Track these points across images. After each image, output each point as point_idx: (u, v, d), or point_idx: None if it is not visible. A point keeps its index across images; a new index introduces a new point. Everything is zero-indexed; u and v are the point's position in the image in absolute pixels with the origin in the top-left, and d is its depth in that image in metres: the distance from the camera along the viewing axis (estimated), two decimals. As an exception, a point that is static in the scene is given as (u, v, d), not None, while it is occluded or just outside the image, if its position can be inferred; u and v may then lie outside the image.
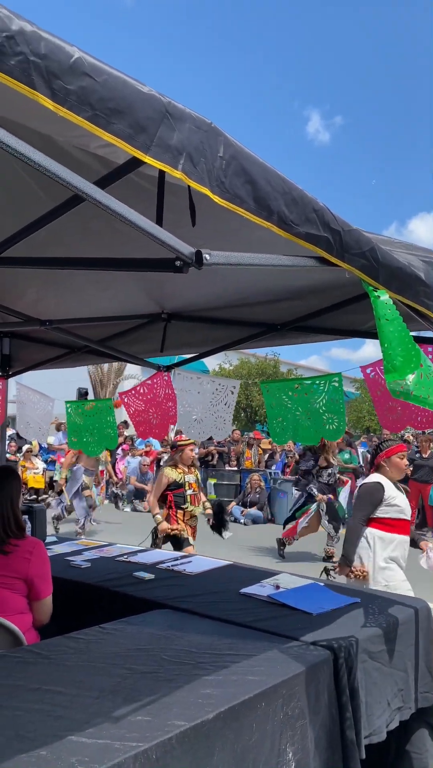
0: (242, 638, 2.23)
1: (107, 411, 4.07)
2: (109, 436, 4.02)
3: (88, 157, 1.69)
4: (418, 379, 1.74)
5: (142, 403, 3.94)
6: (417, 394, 1.75)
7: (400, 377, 1.71)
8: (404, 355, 1.72)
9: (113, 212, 1.23)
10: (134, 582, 3.03)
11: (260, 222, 1.47)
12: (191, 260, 1.43)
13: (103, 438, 4.05)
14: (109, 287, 3.11)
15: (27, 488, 13.08)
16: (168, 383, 3.88)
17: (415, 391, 1.73)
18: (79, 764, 1.35)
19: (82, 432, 4.12)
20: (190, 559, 3.57)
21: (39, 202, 2.02)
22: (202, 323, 3.51)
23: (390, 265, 1.88)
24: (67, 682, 1.81)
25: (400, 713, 2.44)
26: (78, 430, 4.15)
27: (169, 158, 1.20)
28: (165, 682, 1.82)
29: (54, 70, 1.00)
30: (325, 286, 2.88)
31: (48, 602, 2.58)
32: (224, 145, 1.32)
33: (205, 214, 1.62)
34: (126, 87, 1.11)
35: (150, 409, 3.88)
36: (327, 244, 1.65)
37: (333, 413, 3.02)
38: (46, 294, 3.24)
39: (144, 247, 1.66)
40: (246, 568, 3.49)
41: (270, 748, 1.78)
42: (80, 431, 4.13)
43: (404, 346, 1.73)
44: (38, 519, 3.48)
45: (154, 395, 3.86)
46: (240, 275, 2.78)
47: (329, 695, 2.06)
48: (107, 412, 4.06)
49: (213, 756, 1.59)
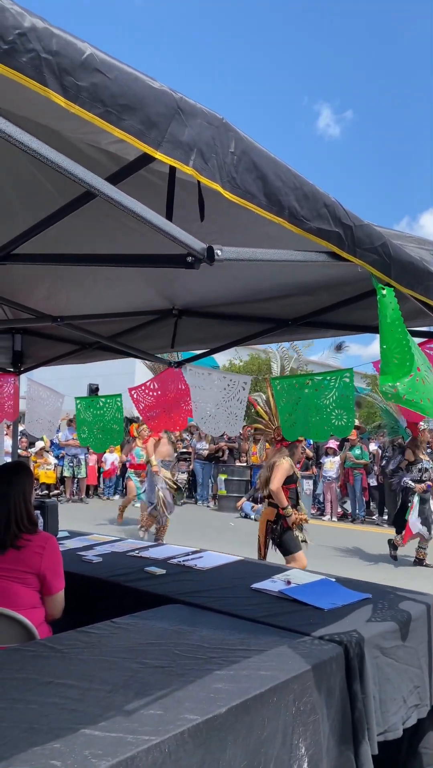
0: (253, 633, 2.24)
1: (116, 407, 4.09)
2: (115, 431, 4.05)
3: (99, 153, 1.69)
4: (412, 383, 1.73)
5: (153, 399, 3.95)
6: (409, 398, 1.74)
7: (393, 381, 1.71)
8: (400, 359, 1.71)
9: (125, 208, 1.24)
10: (146, 577, 3.04)
11: (271, 217, 1.47)
12: (203, 256, 1.43)
13: (109, 433, 4.07)
14: (120, 284, 3.12)
15: (39, 484, 13.18)
16: (181, 378, 3.89)
17: (407, 395, 1.73)
18: (93, 757, 1.36)
19: (91, 427, 4.15)
20: (201, 555, 3.58)
21: (51, 199, 2.03)
22: (212, 319, 3.51)
23: (402, 259, 1.87)
24: (80, 675, 1.82)
25: (417, 710, 2.43)
26: (87, 425, 4.18)
27: (180, 154, 1.20)
28: (177, 676, 1.83)
29: (66, 66, 1.00)
30: (336, 282, 2.87)
31: (60, 597, 2.60)
32: (235, 141, 1.32)
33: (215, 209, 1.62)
34: (137, 83, 1.11)
35: (163, 403, 3.89)
36: (339, 239, 1.64)
37: (343, 409, 3.02)
38: (57, 291, 3.26)
39: (155, 243, 1.66)
40: (257, 564, 3.50)
41: (282, 743, 1.78)
42: (90, 427, 4.16)
43: (402, 348, 1.72)
44: (50, 514, 3.51)
45: (165, 390, 3.87)
46: (250, 271, 2.78)
47: (341, 691, 2.06)
48: (116, 408, 4.09)
49: (225, 750, 1.60)
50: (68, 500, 13.52)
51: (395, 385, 1.69)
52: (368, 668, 2.16)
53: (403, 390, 1.70)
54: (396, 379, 1.69)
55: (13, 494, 2.57)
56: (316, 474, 13.08)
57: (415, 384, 1.73)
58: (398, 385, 1.69)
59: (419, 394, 1.74)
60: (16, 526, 2.53)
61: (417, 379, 1.74)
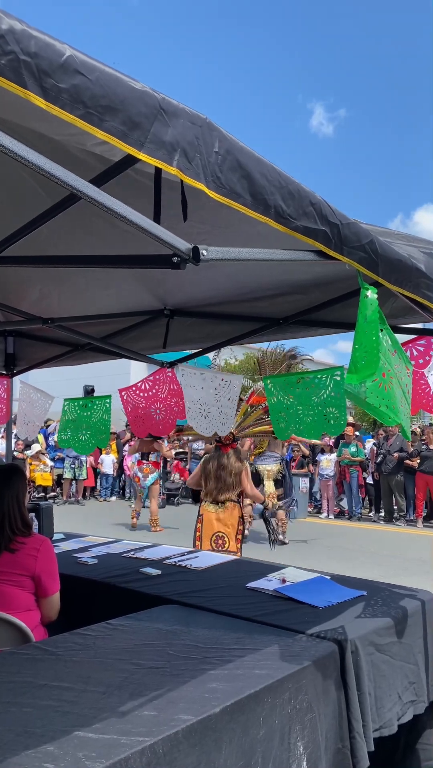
0: (248, 632, 2.24)
1: (104, 409, 4.09)
2: (101, 434, 4.05)
3: (86, 155, 1.68)
4: (375, 387, 1.75)
5: (143, 400, 3.94)
6: (370, 401, 1.75)
7: (357, 381, 1.71)
8: (368, 361, 1.72)
9: (108, 209, 1.23)
10: (141, 578, 3.04)
11: (258, 217, 1.47)
12: (189, 256, 1.43)
13: (95, 435, 4.07)
14: (111, 285, 3.11)
15: (35, 486, 13.16)
16: (173, 379, 3.88)
17: (369, 399, 1.74)
18: (86, 759, 1.36)
19: (76, 429, 4.14)
20: (196, 555, 3.58)
21: (40, 200, 2.02)
22: (204, 319, 3.51)
23: (390, 257, 1.87)
24: (75, 678, 1.82)
25: (413, 706, 2.44)
26: (72, 426, 4.18)
27: (163, 154, 1.20)
28: (172, 677, 1.83)
29: (45, 68, 1.00)
30: (327, 280, 2.87)
31: (55, 599, 2.60)
32: (219, 140, 1.32)
33: (205, 209, 1.62)
34: (118, 84, 1.11)
35: (152, 405, 3.88)
36: (325, 237, 1.65)
37: (335, 407, 3.02)
38: (49, 292, 3.25)
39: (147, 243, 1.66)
40: (252, 563, 3.50)
41: (279, 742, 1.78)
42: (75, 428, 4.16)
43: (371, 351, 1.72)
44: (45, 516, 3.50)
45: (156, 391, 3.87)
46: (241, 270, 2.78)
47: (336, 688, 2.07)
48: (104, 410, 4.08)
49: (221, 750, 1.60)
50: (65, 502, 13.50)
51: (359, 386, 1.71)
52: (363, 665, 2.17)
53: (366, 393, 1.71)
54: (361, 379, 1.70)
55: (7, 497, 2.57)
56: (312, 472, 13.09)
57: (378, 389, 1.74)
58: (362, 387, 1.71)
59: (379, 399, 1.76)
60: (9, 529, 2.53)
61: (380, 385, 1.75)
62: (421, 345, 2.64)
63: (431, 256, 2.21)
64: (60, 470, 13.90)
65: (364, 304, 1.74)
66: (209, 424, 3.36)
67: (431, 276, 2.14)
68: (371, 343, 1.71)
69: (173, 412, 3.84)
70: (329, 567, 4.11)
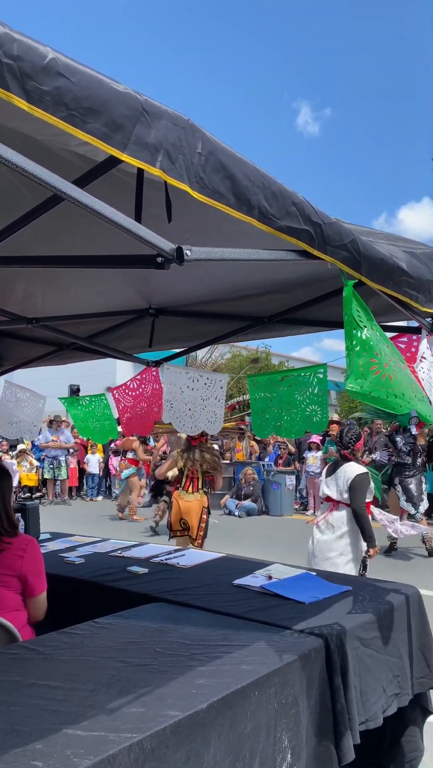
0: (235, 629, 2.26)
1: (103, 405, 4.14)
2: (111, 426, 4.15)
3: (70, 155, 1.69)
4: (379, 380, 1.75)
5: (132, 398, 3.95)
6: (375, 395, 1.75)
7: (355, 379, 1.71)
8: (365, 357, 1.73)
9: (91, 210, 1.24)
10: (128, 576, 3.04)
11: (241, 217, 1.48)
12: (172, 256, 1.44)
13: (105, 428, 4.15)
14: (96, 283, 3.11)
15: (20, 486, 13.09)
16: (156, 379, 3.89)
17: (373, 392, 1.74)
18: (75, 756, 1.37)
19: (87, 420, 4.21)
20: (183, 553, 3.60)
21: (24, 200, 2.02)
22: (189, 318, 3.52)
23: (372, 256, 1.89)
24: (63, 676, 1.83)
25: (397, 699, 2.47)
26: (82, 419, 4.25)
27: (146, 156, 1.21)
28: (159, 673, 1.84)
29: (27, 71, 1.00)
30: (311, 279, 2.89)
31: (42, 599, 2.59)
32: (202, 141, 1.33)
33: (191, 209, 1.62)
34: (101, 86, 1.12)
35: (138, 404, 3.90)
36: (309, 237, 1.66)
37: (317, 405, 3.04)
38: (33, 291, 3.24)
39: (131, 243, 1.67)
40: (239, 560, 3.52)
41: (266, 736, 1.80)
42: (85, 420, 4.21)
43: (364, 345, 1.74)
44: (31, 516, 3.50)
45: (142, 391, 3.88)
46: (226, 269, 2.79)
47: (321, 682, 2.09)
48: (104, 405, 4.13)
49: (209, 745, 1.61)
50: (51, 502, 13.45)
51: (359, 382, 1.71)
52: (348, 660, 2.19)
53: (368, 387, 1.71)
54: (359, 376, 1.71)
55: (-8, 497, 2.56)
56: (298, 469, 13.14)
57: (381, 381, 1.74)
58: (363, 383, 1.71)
59: (386, 390, 1.76)
60: (-5, 529, 2.52)
61: (384, 376, 1.75)
62: (402, 342, 2.67)
63: (412, 255, 2.24)
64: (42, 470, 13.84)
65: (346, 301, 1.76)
66: (195, 424, 3.37)
67: (412, 274, 2.17)
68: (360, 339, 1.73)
69: (152, 411, 3.87)
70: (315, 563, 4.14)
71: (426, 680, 2.68)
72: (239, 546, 8.06)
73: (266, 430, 3.28)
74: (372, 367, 1.74)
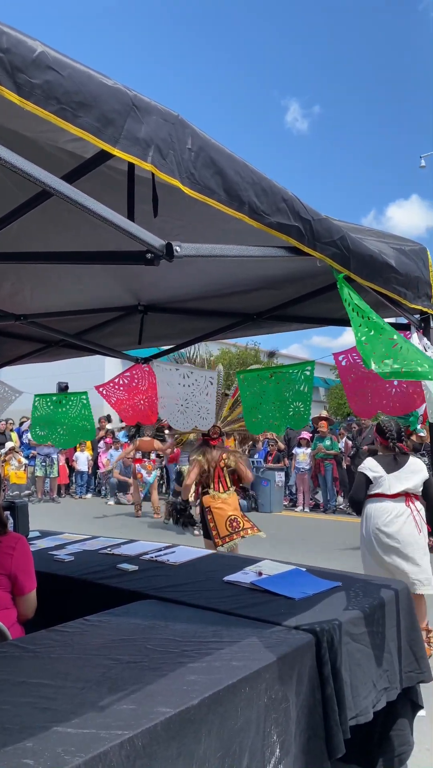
0: (225, 625, 2.26)
1: (82, 405, 4.08)
2: (85, 428, 4.04)
3: (59, 151, 1.68)
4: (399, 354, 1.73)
5: (125, 393, 3.94)
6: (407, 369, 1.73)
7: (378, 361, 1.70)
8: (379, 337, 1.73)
9: (81, 206, 1.23)
10: (118, 574, 3.04)
11: (232, 213, 1.48)
12: (162, 252, 1.43)
13: (78, 430, 4.06)
14: (85, 280, 3.10)
15: (9, 484, 13.02)
16: (151, 373, 3.88)
17: (405, 367, 1.72)
18: (66, 754, 1.36)
19: (52, 424, 4.12)
20: (173, 550, 3.59)
21: (11, 196, 2.00)
22: (178, 315, 3.52)
23: (361, 252, 1.90)
24: (53, 674, 1.82)
25: (387, 693, 2.49)
26: (46, 422, 4.15)
27: (137, 151, 1.20)
28: (150, 670, 1.84)
29: (18, 64, 0.99)
30: (300, 275, 2.90)
31: (32, 597, 2.58)
32: (192, 137, 1.33)
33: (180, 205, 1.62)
34: (91, 80, 1.11)
35: (135, 397, 3.89)
36: (298, 233, 1.66)
37: (300, 401, 3.05)
38: (21, 288, 3.22)
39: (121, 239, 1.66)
40: (229, 556, 3.53)
41: (256, 731, 1.81)
42: (50, 423, 4.13)
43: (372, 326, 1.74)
44: (21, 514, 3.48)
45: (136, 385, 3.88)
46: (215, 265, 2.79)
47: (312, 678, 2.10)
48: (82, 405, 4.07)
49: (200, 742, 1.62)
50: (40, 500, 13.39)
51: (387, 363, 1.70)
52: (339, 655, 2.20)
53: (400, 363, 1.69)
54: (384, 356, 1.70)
55: (-19, 496, 2.55)
56: (288, 466, 13.17)
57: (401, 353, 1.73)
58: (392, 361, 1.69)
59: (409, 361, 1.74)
60: (-16, 527, 2.51)
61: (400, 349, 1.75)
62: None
63: (401, 252, 2.25)
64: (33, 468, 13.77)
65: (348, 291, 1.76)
66: (187, 420, 3.37)
67: (401, 271, 2.18)
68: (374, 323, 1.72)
69: (154, 403, 3.86)
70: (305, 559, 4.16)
71: (414, 674, 2.70)
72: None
73: (260, 428, 3.28)
74: (393, 345, 1.74)
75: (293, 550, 7.86)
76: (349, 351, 3.02)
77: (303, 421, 3.12)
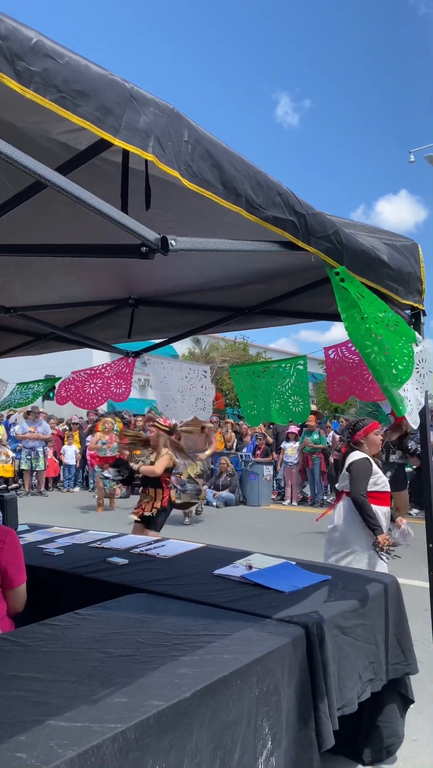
0: (216, 619, 2.26)
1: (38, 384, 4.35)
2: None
3: (51, 143, 1.66)
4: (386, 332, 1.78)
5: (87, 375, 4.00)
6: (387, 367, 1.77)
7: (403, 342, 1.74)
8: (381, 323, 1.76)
9: (76, 198, 1.22)
10: (108, 567, 3.04)
11: (229, 206, 1.47)
12: (157, 246, 1.43)
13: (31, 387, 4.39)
14: (75, 272, 3.07)
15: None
16: (129, 366, 3.89)
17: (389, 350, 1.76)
18: (58, 747, 1.36)
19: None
20: (163, 543, 3.60)
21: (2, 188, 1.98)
22: (169, 308, 3.50)
23: (354, 247, 1.90)
24: (44, 668, 1.82)
25: (372, 685, 2.51)
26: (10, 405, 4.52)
27: (138, 141, 1.19)
28: (141, 664, 1.84)
29: (16, 51, 0.98)
30: (291, 270, 2.89)
31: (22, 590, 2.57)
32: (188, 130, 1.32)
33: (173, 198, 1.61)
34: (89, 70, 1.10)
35: (92, 380, 3.94)
36: (293, 227, 1.66)
37: (298, 396, 3.06)
38: (11, 280, 3.19)
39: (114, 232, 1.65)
40: (219, 550, 3.53)
41: (247, 724, 1.82)
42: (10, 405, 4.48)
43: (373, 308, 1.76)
44: (9, 508, 3.46)
45: (104, 371, 3.91)
46: (206, 259, 2.77)
47: (302, 670, 2.11)
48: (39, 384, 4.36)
49: (192, 734, 1.62)
50: (27, 493, 13.34)
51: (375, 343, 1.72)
52: (328, 648, 2.22)
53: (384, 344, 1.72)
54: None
55: (-30, 489, 2.53)
56: (276, 460, 13.20)
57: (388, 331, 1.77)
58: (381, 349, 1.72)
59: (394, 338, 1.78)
60: (-27, 521, 2.50)
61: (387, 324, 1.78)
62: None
63: (393, 248, 2.26)
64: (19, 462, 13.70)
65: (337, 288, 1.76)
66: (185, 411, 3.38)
67: (393, 267, 2.18)
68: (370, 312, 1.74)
69: (110, 391, 3.88)
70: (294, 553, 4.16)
71: (401, 666, 2.72)
72: (217, 536, 8.09)
73: (258, 418, 3.30)
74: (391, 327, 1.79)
75: (281, 544, 7.89)
76: (339, 345, 3.04)
77: (304, 416, 3.15)
